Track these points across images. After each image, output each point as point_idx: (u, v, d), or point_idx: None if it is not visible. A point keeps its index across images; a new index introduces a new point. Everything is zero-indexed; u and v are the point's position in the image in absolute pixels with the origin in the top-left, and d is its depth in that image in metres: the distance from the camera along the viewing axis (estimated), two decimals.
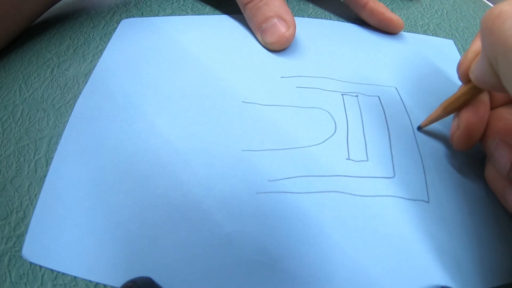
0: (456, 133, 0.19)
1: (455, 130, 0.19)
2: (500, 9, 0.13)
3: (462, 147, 0.19)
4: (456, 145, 0.19)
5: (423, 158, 0.20)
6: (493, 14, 0.14)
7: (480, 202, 0.19)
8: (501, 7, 0.13)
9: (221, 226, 0.17)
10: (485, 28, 0.14)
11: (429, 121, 0.21)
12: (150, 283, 0.15)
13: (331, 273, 0.16)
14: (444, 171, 0.20)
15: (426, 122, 0.21)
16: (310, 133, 0.20)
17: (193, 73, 0.23)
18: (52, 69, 0.24)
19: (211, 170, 0.19)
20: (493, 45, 0.14)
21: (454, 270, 0.17)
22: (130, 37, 0.25)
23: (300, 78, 0.23)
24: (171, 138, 0.20)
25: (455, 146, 0.19)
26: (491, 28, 0.14)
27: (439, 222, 0.18)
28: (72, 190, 0.18)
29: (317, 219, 0.17)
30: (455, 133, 0.19)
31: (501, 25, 0.13)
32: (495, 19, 0.13)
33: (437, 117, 0.20)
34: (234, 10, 0.26)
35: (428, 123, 0.21)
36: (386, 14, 0.26)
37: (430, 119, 0.21)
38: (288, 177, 0.18)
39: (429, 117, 0.21)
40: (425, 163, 0.20)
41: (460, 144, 0.19)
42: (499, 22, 0.13)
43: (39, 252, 0.17)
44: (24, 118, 0.21)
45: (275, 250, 0.16)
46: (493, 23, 0.13)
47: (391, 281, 0.16)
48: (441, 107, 0.20)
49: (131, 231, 0.17)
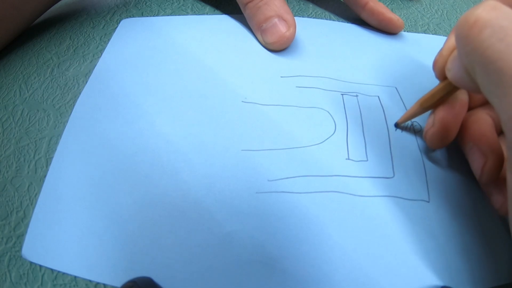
0: (430, 130, 0.19)
1: (429, 128, 0.19)
2: (476, 16, 0.13)
3: (435, 145, 0.19)
4: (429, 142, 0.19)
5: (423, 157, 0.20)
6: (468, 21, 0.13)
7: (481, 202, 0.19)
8: (477, 14, 0.13)
9: (221, 225, 0.17)
10: (460, 37, 0.13)
11: (406, 117, 0.20)
12: (150, 283, 0.15)
13: (330, 273, 0.16)
14: (445, 170, 0.20)
15: (402, 119, 0.21)
16: (310, 133, 0.20)
17: (193, 73, 0.23)
18: (52, 69, 0.24)
19: (211, 169, 0.19)
20: (469, 55, 0.13)
21: (454, 270, 0.17)
22: (130, 37, 0.25)
23: (300, 78, 0.23)
24: (171, 138, 0.20)
25: (428, 144, 0.19)
26: (466, 37, 0.13)
27: (439, 222, 0.18)
28: (72, 190, 0.18)
29: (317, 219, 0.17)
30: (429, 131, 0.19)
31: (478, 35, 0.12)
32: (471, 28, 0.13)
33: (414, 114, 0.20)
34: (234, 10, 0.26)
35: (405, 120, 0.20)
36: (386, 14, 0.26)
37: (407, 115, 0.20)
38: (288, 177, 0.18)
39: (406, 113, 0.20)
40: (426, 162, 0.20)
41: (434, 142, 0.19)
42: (475, 31, 0.13)
43: (39, 251, 0.17)
44: (24, 118, 0.21)
45: (274, 250, 0.16)
46: (468, 32, 0.13)
47: (391, 281, 0.16)
48: (418, 103, 0.19)
49: (131, 231, 0.17)
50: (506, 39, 0.12)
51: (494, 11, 0.12)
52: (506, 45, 0.12)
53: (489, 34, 0.12)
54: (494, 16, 0.12)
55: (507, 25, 0.12)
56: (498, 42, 0.12)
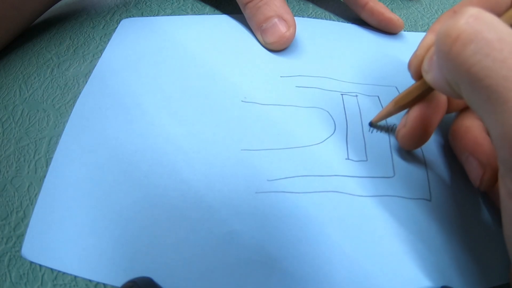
0: (402, 130, 0.18)
1: (401, 127, 0.18)
2: (458, 30, 0.12)
3: (407, 146, 0.18)
4: (400, 143, 0.18)
5: (425, 155, 0.20)
6: (450, 36, 0.12)
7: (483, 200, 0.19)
8: (459, 27, 0.12)
9: (220, 225, 0.17)
10: (442, 52, 0.12)
11: (381, 116, 0.20)
12: (150, 283, 0.15)
13: (330, 273, 0.16)
14: (446, 168, 0.19)
15: (377, 117, 0.20)
16: (310, 132, 0.20)
17: (193, 72, 0.23)
18: (52, 69, 0.24)
19: (211, 169, 0.19)
20: (453, 72, 0.12)
21: (455, 270, 0.16)
22: (130, 37, 0.25)
23: (300, 78, 0.23)
24: (171, 138, 0.20)
25: (400, 144, 0.19)
26: (448, 53, 0.12)
27: (441, 220, 0.18)
28: (71, 189, 0.18)
29: (316, 219, 0.17)
30: (400, 131, 0.18)
31: (462, 51, 0.12)
32: (453, 43, 0.12)
33: (389, 113, 0.19)
34: (234, 10, 0.26)
35: (379, 119, 0.20)
36: (386, 14, 0.26)
37: (382, 114, 0.20)
38: (287, 176, 0.18)
39: (381, 112, 0.20)
40: (427, 161, 0.20)
41: (405, 142, 0.18)
42: (459, 47, 0.12)
43: (39, 251, 0.17)
44: (24, 118, 0.21)
45: (274, 250, 0.16)
46: (451, 48, 0.12)
47: (391, 281, 0.16)
48: (393, 101, 0.19)
49: (130, 230, 0.17)
50: (492, 54, 0.11)
51: (478, 23, 0.11)
52: (493, 61, 0.11)
53: (474, 50, 0.11)
54: (478, 29, 0.11)
55: (493, 38, 0.11)
56: (484, 58, 0.11)
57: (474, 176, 0.17)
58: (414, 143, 0.18)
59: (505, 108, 0.11)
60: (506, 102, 0.11)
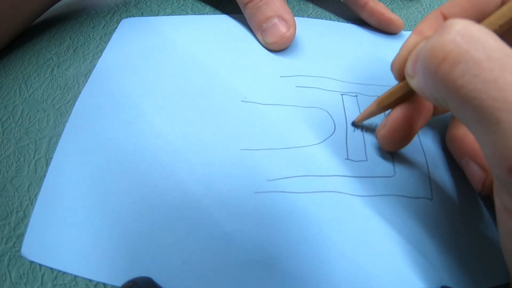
0: (381, 131, 0.18)
1: (381, 128, 0.18)
2: (444, 50, 0.11)
3: (387, 147, 0.18)
4: (381, 144, 0.18)
5: (426, 155, 0.20)
6: (437, 56, 0.11)
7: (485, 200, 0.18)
8: (445, 46, 0.11)
9: (220, 225, 0.17)
10: (428, 73, 0.12)
11: (363, 117, 0.20)
12: (150, 283, 0.15)
13: (329, 273, 0.16)
14: (448, 167, 0.19)
15: (360, 117, 0.20)
16: (309, 132, 0.20)
17: (193, 72, 0.23)
18: (52, 69, 0.24)
19: (210, 169, 0.19)
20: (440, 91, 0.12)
21: (455, 270, 0.16)
22: (130, 37, 0.25)
23: (300, 78, 0.23)
24: (170, 137, 0.20)
25: (380, 145, 0.18)
26: (435, 72, 0.12)
27: (442, 220, 0.18)
28: (71, 189, 0.18)
29: (316, 219, 0.17)
30: (379, 131, 0.18)
31: (449, 73, 0.11)
32: (440, 64, 0.11)
33: (371, 113, 0.19)
34: (234, 10, 0.26)
35: (361, 119, 0.20)
36: (386, 14, 0.26)
37: (364, 115, 0.20)
38: (287, 176, 0.18)
39: (363, 112, 0.20)
40: (428, 159, 0.20)
41: (385, 143, 0.18)
42: (446, 68, 0.11)
43: (39, 250, 0.17)
44: (24, 118, 0.21)
45: (273, 250, 0.16)
46: (438, 68, 0.11)
47: (391, 281, 0.16)
48: (375, 102, 0.19)
49: (130, 230, 0.17)
50: (482, 75, 0.11)
51: (465, 41, 0.11)
52: (483, 82, 0.11)
53: (463, 71, 0.11)
54: (466, 48, 0.11)
55: (481, 57, 0.11)
56: (473, 79, 0.11)
57: (476, 180, 0.17)
58: (394, 145, 0.18)
59: (497, 128, 0.11)
60: (497, 123, 0.10)
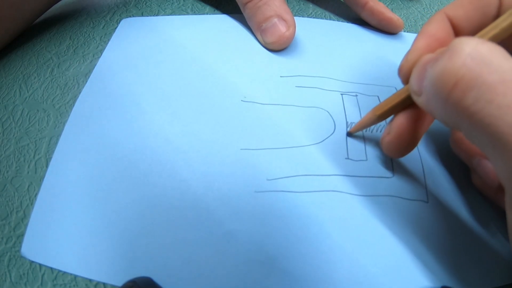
0: (386, 138, 0.17)
1: (386, 135, 0.17)
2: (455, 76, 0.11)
3: (393, 154, 0.18)
4: (385, 151, 0.18)
5: (422, 158, 0.20)
6: (448, 83, 0.11)
7: (480, 202, 0.19)
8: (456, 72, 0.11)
9: (220, 224, 0.17)
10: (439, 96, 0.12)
11: (359, 126, 0.19)
12: (150, 283, 0.15)
13: (329, 273, 0.16)
14: (443, 171, 0.20)
15: (356, 127, 0.20)
16: (309, 132, 0.20)
17: (193, 72, 0.23)
18: (52, 69, 0.24)
19: (210, 168, 0.19)
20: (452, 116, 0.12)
21: (454, 270, 0.17)
22: (130, 37, 0.25)
23: (300, 78, 0.23)
24: (170, 137, 0.20)
25: (385, 152, 0.18)
26: (447, 98, 0.11)
27: (438, 222, 0.18)
28: (71, 189, 0.18)
29: (316, 219, 0.17)
30: (385, 138, 0.17)
31: (462, 99, 0.11)
32: (452, 90, 0.11)
33: (368, 122, 0.19)
34: (234, 10, 0.26)
35: (358, 129, 0.20)
36: (386, 14, 0.26)
37: (361, 124, 0.19)
38: (287, 176, 0.18)
39: (360, 122, 0.19)
40: (424, 163, 0.20)
41: (390, 150, 0.17)
42: (458, 94, 0.11)
43: (38, 250, 0.17)
44: (24, 118, 0.21)
45: (273, 249, 0.16)
46: (449, 94, 0.11)
47: (391, 281, 0.16)
48: (372, 111, 0.18)
49: (130, 230, 0.17)
50: (496, 100, 0.10)
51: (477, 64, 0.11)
52: (497, 107, 0.10)
53: (476, 97, 0.10)
54: (478, 72, 0.10)
55: (495, 81, 0.10)
56: (487, 105, 0.10)
57: (492, 177, 0.16)
58: (400, 151, 0.18)
59: None
60: None
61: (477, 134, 0.11)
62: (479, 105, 0.10)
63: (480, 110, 0.10)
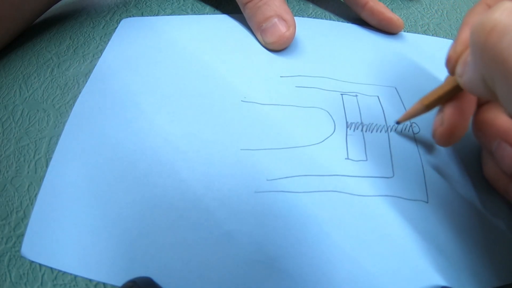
0: (439, 129, 0.18)
1: (438, 126, 0.18)
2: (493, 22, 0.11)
3: (445, 143, 0.18)
4: (438, 141, 0.18)
5: (422, 158, 0.20)
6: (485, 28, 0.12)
7: (479, 202, 0.19)
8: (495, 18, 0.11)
9: (220, 225, 0.17)
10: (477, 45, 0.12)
11: (407, 115, 0.20)
12: (150, 283, 0.15)
13: (329, 273, 0.16)
14: (443, 171, 0.20)
15: (404, 117, 0.20)
16: (309, 132, 0.20)
17: (193, 72, 0.23)
18: (52, 69, 0.24)
19: (210, 169, 0.19)
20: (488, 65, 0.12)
21: (454, 270, 0.17)
22: (130, 37, 0.25)
23: (300, 78, 0.23)
24: (170, 137, 0.20)
25: (437, 143, 0.18)
26: (484, 45, 0.12)
27: (438, 222, 0.18)
28: (71, 189, 0.18)
29: (316, 219, 0.17)
30: (437, 129, 0.18)
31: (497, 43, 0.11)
32: (488, 35, 0.12)
33: (416, 112, 0.19)
34: (234, 10, 0.26)
35: (406, 118, 0.20)
36: (386, 14, 0.26)
37: (408, 113, 0.20)
38: (287, 176, 0.19)
39: (408, 111, 0.20)
40: (424, 163, 0.20)
41: (443, 141, 0.18)
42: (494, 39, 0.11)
43: (38, 250, 0.17)
44: (24, 118, 0.21)
45: (273, 249, 0.16)
46: (486, 40, 0.12)
47: (391, 281, 0.16)
48: (420, 101, 0.19)
49: (129, 230, 0.17)
50: None
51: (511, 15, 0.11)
52: None
53: (510, 41, 0.11)
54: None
55: None
56: None
57: (509, 161, 0.17)
58: (451, 140, 0.18)
59: None
60: None
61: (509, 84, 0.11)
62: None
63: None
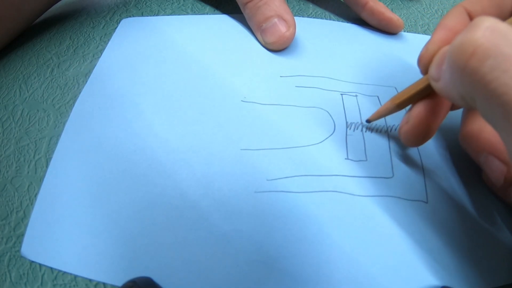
0: (404, 127, 0.18)
1: (404, 124, 0.18)
2: (474, 44, 0.11)
3: (410, 143, 0.18)
4: (403, 140, 0.18)
5: (422, 158, 0.20)
6: (466, 51, 0.11)
7: (479, 203, 0.19)
8: (476, 40, 0.11)
9: (220, 225, 0.17)
10: (457, 67, 0.12)
11: (378, 114, 0.20)
12: (150, 283, 0.15)
13: (329, 273, 0.16)
14: (443, 171, 0.20)
15: (375, 115, 0.20)
16: (309, 132, 0.20)
17: (193, 72, 0.23)
18: (52, 69, 0.24)
19: (210, 169, 0.19)
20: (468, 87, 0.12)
21: (454, 270, 0.17)
22: (130, 37, 0.25)
23: (300, 78, 0.23)
24: (170, 137, 0.20)
25: (403, 141, 0.18)
26: (464, 68, 0.12)
27: (438, 223, 0.18)
28: (71, 189, 0.18)
29: (316, 219, 0.17)
30: (403, 127, 0.18)
31: (479, 67, 0.11)
32: (469, 58, 0.11)
33: (387, 111, 0.19)
34: (234, 10, 0.26)
35: (377, 117, 0.20)
36: (386, 14, 0.26)
37: (379, 112, 0.19)
38: (287, 176, 0.19)
39: (378, 110, 0.19)
40: (424, 163, 0.20)
41: (408, 139, 0.18)
42: (475, 63, 0.11)
43: (38, 250, 0.17)
44: (24, 118, 0.21)
45: (273, 250, 0.16)
46: (466, 63, 0.11)
47: (390, 281, 0.16)
48: (391, 100, 0.18)
49: (129, 230, 0.17)
50: (511, 70, 0.10)
51: (495, 36, 0.11)
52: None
53: (492, 66, 0.11)
54: (495, 43, 0.11)
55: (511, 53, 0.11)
56: (502, 74, 0.11)
57: (497, 174, 0.17)
58: (417, 140, 0.18)
59: None
60: None
61: (491, 106, 0.11)
62: (494, 74, 0.11)
63: (495, 79, 0.11)
